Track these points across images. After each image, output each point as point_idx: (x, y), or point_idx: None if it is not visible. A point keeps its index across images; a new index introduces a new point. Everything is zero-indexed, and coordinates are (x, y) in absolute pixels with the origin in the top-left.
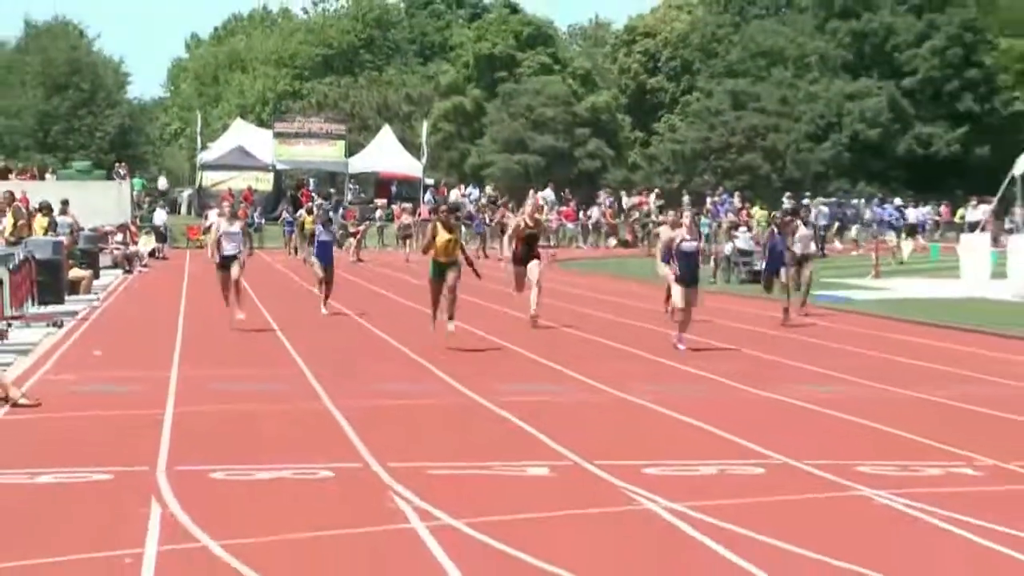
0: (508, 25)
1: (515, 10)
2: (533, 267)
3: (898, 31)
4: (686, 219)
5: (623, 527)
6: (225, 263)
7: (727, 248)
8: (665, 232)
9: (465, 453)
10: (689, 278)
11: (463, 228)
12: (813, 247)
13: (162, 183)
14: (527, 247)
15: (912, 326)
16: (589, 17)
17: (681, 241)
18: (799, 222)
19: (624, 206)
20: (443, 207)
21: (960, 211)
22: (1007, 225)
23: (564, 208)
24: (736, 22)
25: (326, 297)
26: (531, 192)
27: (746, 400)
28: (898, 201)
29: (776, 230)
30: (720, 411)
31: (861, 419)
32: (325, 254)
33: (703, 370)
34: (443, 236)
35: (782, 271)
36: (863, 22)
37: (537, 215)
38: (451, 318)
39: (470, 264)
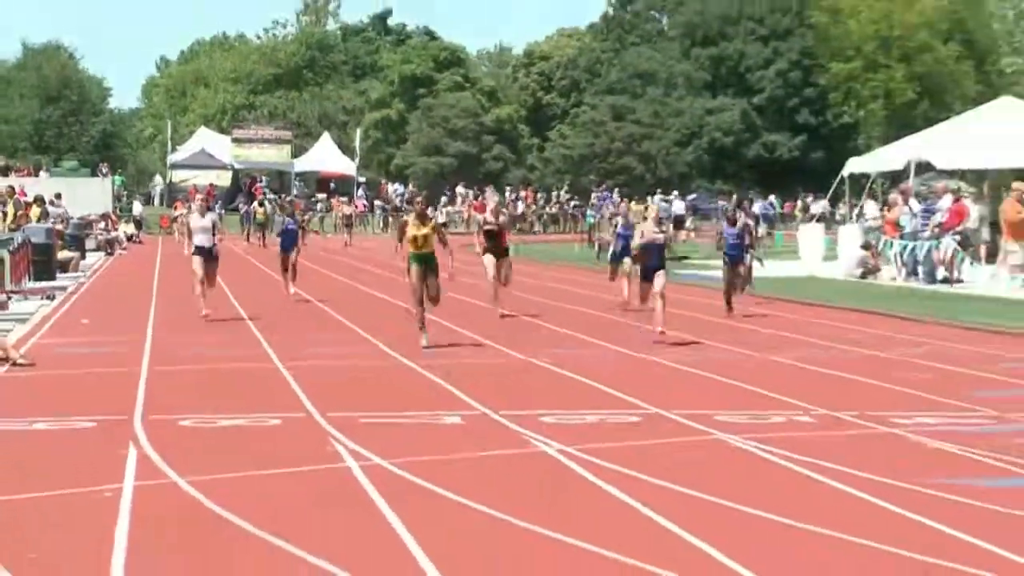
0: (427, 50)
1: (433, 37)
2: (505, 263)
3: (749, 57)
4: (652, 212)
5: (521, 465)
6: (200, 252)
7: (608, 235)
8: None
9: (391, 405)
10: (651, 269)
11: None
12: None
13: (158, 181)
14: (493, 241)
15: (758, 300)
16: (494, 43)
17: (643, 233)
18: (741, 214)
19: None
20: (419, 199)
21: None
22: (837, 217)
23: (475, 202)
24: (616, 48)
25: (292, 279)
26: (488, 191)
27: (628, 362)
28: (772, 197)
29: (728, 223)
30: (606, 371)
31: (719, 377)
32: (290, 242)
33: (595, 338)
34: (416, 231)
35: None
36: (720, 49)
37: (499, 214)
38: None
39: (446, 266)
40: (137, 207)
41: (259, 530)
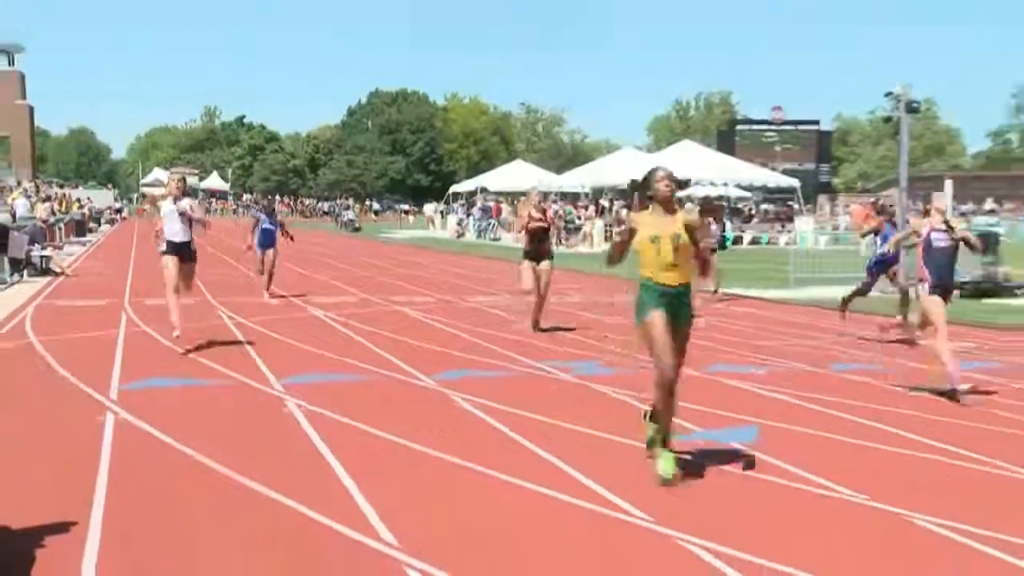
0: (261, 133)
1: (264, 127)
2: (545, 267)
3: (408, 138)
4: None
5: (335, 339)
6: (175, 250)
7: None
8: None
9: (265, 312)
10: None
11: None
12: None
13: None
14: (537, 242)
15: (413, 249)
16: (295, 129)
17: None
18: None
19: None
20: (664, 176)
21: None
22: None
23: (283, 203)
24: (351, 133)
25: (269, 282)
26: (531, 190)
27: (302, 276)
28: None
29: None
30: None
31: (332, 280)
32: (269, 241)
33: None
34: (658, 230)
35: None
36: (395, 136)
37: (543, 206)
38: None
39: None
40: (119, 204)
41: (186, 351)
